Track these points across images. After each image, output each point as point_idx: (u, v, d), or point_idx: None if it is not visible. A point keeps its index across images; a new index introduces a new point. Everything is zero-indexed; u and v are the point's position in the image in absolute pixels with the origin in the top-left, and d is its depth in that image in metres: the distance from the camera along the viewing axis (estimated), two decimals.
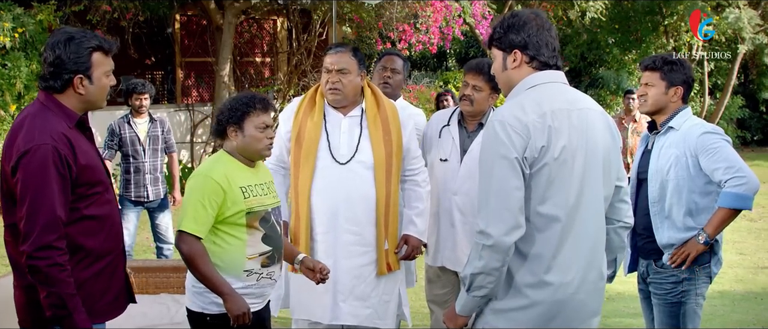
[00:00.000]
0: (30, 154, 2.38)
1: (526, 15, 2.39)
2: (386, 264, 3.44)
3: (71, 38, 2.49)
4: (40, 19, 9.39)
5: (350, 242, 3.39)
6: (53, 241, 2.37)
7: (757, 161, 16.14)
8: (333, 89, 3.38)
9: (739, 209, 3.11)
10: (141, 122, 5.92)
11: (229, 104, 2.91)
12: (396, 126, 3.44)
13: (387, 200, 3.40)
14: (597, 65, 17.96)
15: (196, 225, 2.74)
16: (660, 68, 3.29)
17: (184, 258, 2.77)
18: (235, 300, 2.74)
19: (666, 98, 3.29)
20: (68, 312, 2.41)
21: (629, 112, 8.03)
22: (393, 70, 4.09)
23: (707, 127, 3.22)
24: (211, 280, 2.75)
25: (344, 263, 3.39)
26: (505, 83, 2.46)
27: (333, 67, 3.38)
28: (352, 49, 3.44)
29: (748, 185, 3.05)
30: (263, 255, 2.87)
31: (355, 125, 3.44)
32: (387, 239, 3.43)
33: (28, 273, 2.41)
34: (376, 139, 3.40)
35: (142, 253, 7.07)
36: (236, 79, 12.27)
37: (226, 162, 2.89)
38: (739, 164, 3.09)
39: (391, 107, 3.51)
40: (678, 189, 3.19)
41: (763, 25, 15.03)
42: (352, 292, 3.40)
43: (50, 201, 2.37)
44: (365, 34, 12.76)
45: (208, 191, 2.76)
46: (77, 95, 2.52)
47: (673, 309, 3.23)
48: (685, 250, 3.17)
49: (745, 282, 6.31)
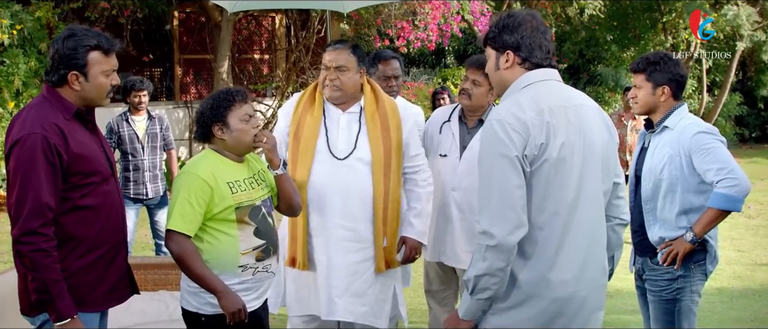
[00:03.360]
0: (20, 142, 2.46)
1: (521, 16, 2.39)
2: (385, 261, 3.42)
3: (72, 35, 2.56)
4: (38, 16, 9.38)
5: (345, 238, 3.36)
6: (38, 227, 2.43)
7: (755, 158, 16.16)
8: (331, 86, 3.37)
9: (729, 211, 3.11)
10: (139, 120, 5.92)
11: (208, 104, 2.87)
12: (395, 123, 3.43)
13: (385, 197, 3.37)
14: (595, 62, 17.96)
15: (183, 223, 2.72)
16: (644, 70, 3.31)
17: (175, 257, 2.75)
18: (229, 297, 2.73)
19: (654, 99, 3.29)
20: (51, 297, 2.46)
21: (628, 109, 8.02)
22: (395, 78, 4.10)
23: (702, 126, 3.21)
24: (203, 278, 2.73)
25: (339, 259, 3.36)
26: (498, 82, 2.47)
27: (331, 65, 3.37)
28: (351, 46, 3.42)
29: (739, 187, 3.05)
30: (257, 248, 2.86)
31: (354, 121, 3.43)
32: (386, 236, 3.41)
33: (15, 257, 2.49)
34: (374, 135, 3.38)
35: (140, 250, 7.07)
36: (235, 77, 12.27)
37: (212, 159, 2.87)
38: (732, 165, 3.09)
39: (391, 103, 3.50)
40: (671, 188, 3.19)
41: (761, 23, 15.04)
42: (347, 289, 3.37)
43: (37, 188, 2.43)
44: (363, 32, 12.77)
45: (194, 189, 2.74)
46: (74, 91, 2.58)
47: (668, 306, 3.24)
48: (673, 248, 3.18)
49: (742, 279, 6.33)
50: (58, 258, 2.48)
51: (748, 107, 19.28)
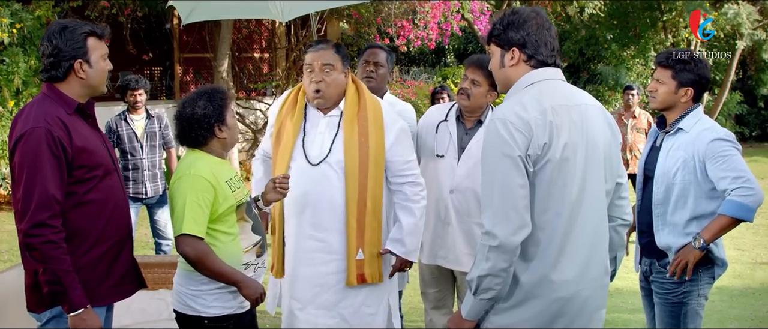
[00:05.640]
0: (25, 137, 2.49)
1: (526, 13, 2.37)
2: (357, 276, 3.17)
3: (65, 27, 2.62)
4: (38, 15, 9.37)
5: (312, 249, 3.18)
6: (46, 219, 2.45)
7: (755, 156, 16.17)
8: (316, 90, 3.18)
9: (740, 220, 3.03)
10: (138, 119, 5.92)
11: (205, 106, 2.80)
12: (377, 128, 3.20)
13: (361, 207, 3.15)
14: (595, 61, 17.97)
15: (196, 226, 2.71)
16: (672, 67, 3.20)
17: (192, 260, 2.72)
18: (250, 286, 2.79)
19: (675, 98, 3.21)
20: (64, 287, 2.48)
21: (628, 108, 8.02)
22: (376, 64, 3.87)
23: (719, 132, 3.12)
24: (223, 274, 2.75)
25: (304, 270, 3.20)
26: (502, 80, 2.45)
27: (316, 64, 3.17)
28: (334, 45, 3.23)
29: (754, 198, 2.98)
30: (256, 245, 2.89)
31: (333, 125, 3.23)
32: (363, 249, 3.17)
33: (25, 251, 2.50)
34: (350, 141, 3.16)
35: (140, 249, 7.07)
36: (234, 75, 12.27)
37: (206, 159, 2.84)
38: (748, 174, 3.02)
39: (375, 107, 3.25)
40: (683, 193, 3.13)
41: (761, 21, 15.04)
42: (312, 301, 3.19)
43: (43, 181, 2.46)
44: (363, 30, 12.76)
45: (201, 190, 2.73)
46: (79, 81, 2.64)
47: (675, 309, 3.19)
48: (682, 259, 3.09)
49: (743, 278, 6.33)
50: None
51: (748, 106, 19.29)
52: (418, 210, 3.26)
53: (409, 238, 3.24)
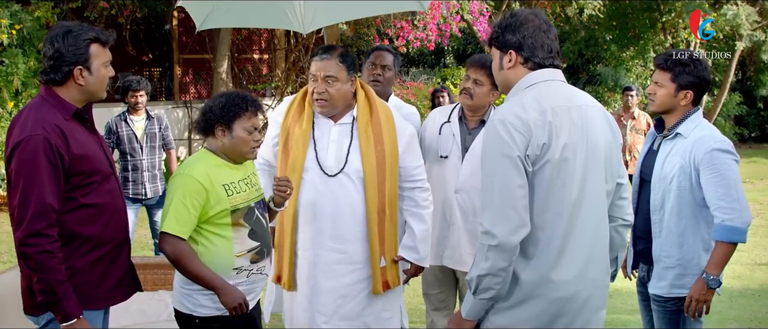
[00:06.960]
0: (22, 145, 2.47)
1: (524, 15, 2.39)
2: (383, 282, 3.21)
3: (69, 31, 2.57)
4: (37, 16, 9.38)
5: (335, 261, 3.17)
6: (43, 228, 2.44)
7: (755, 157, 16.17)
8: (319, 100, 3.15)
9: (735, 243, 2.99)
10: (138, 120, 5.92)
11: (220, 103, 2.82)
12: (390, 134, 3.21)
13: (381, 214, 3.16)
14: (595, 62, 17.99)
15: (177, 226, 2.70)
16: (671, 69, 3.12)
17: (170, 259, 2.73)
18: (228, 292, 2.73)
19: (674, 101, 3.13)
20: (57, 298, 2.48)
21: (628, 109, 8.03)
22: (383, 67, 3.87)
23: (718, 140, 3.03)
24: (201, 277, 2.72)
25: (326, 284, 3.17)
26: (502, 82, 2.47)
27: (319, 75, 3.15)
28: (340, 54, 3.17)
29: (742, 218, 2.95)
30: (252, 250, 2.84)
31: (346, 133, 3.21)
32: (384, 256, 3.20)
33: (20, 260, 2.50)
34: (367, 149, 3.15)
35: (140, 250, 7.07)
36: (234, 76, 12.27)
37: (208, 160, 2.83)
38: (737, 193, 2.96)
39: (386, 112, 3.26)
40: (679, 199, 3.07)
41: (760, 22, 15.04)
42: (336, 312, 3.18)
43: (40, 190, 2.44)
44: (363, 31, 12.77)
45: (189, 191, 2.71)
46: (78, 87, 2.60)
47: (674, 316, 3.15)
48: (698, 299, 3.02)
49: (742, 279, 6.33)
50: (63, 257, 2.49)
51: (748, 107, 19.29)
52: (428, 216, 3.32)
53: (422, 245, 3.29)
